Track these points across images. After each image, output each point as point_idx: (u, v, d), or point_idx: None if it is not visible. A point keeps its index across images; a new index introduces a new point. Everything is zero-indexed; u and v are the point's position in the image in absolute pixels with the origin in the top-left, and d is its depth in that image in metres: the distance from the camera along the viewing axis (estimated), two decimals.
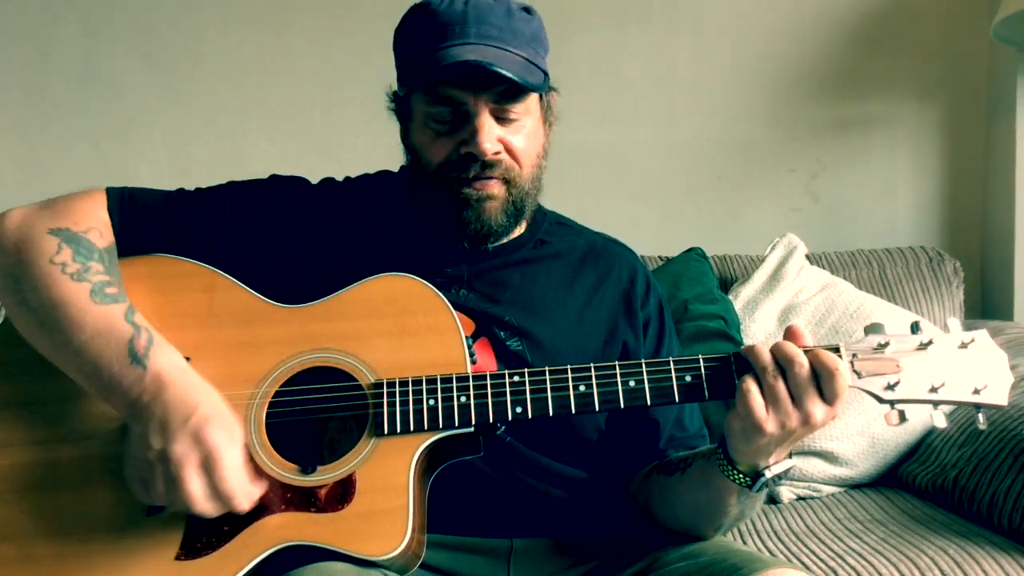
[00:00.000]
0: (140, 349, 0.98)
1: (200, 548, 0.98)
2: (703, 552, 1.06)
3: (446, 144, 1.13)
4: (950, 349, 0.99)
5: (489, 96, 1.10)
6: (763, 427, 0.94)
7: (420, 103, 1.14)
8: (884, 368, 0.98)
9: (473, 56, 1.07)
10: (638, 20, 2.35)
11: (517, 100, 1.12)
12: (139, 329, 1.00)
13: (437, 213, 1.16)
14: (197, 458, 0.94)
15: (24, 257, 1.03)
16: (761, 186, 2.38)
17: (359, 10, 2.33)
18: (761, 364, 0.95)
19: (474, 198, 1.13)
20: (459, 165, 1.12)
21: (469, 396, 1.01)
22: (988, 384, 0.98)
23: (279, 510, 0.99)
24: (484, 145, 1.10)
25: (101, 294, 1.02)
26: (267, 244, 1.17)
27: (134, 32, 2.32)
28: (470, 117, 1.11)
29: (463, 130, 1.12)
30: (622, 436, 1.20)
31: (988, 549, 1.34)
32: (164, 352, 1.00)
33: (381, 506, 0.98)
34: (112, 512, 1.00)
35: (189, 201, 1.18)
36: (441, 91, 1.10)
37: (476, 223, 1.14)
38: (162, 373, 0.97)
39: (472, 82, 1.09)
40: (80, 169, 2.30)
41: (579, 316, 1.21)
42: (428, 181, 1.15)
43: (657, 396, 1.00)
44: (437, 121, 1.12)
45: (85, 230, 1.07)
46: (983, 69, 2.35)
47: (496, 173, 1.13)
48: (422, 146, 1.15)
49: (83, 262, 1.04)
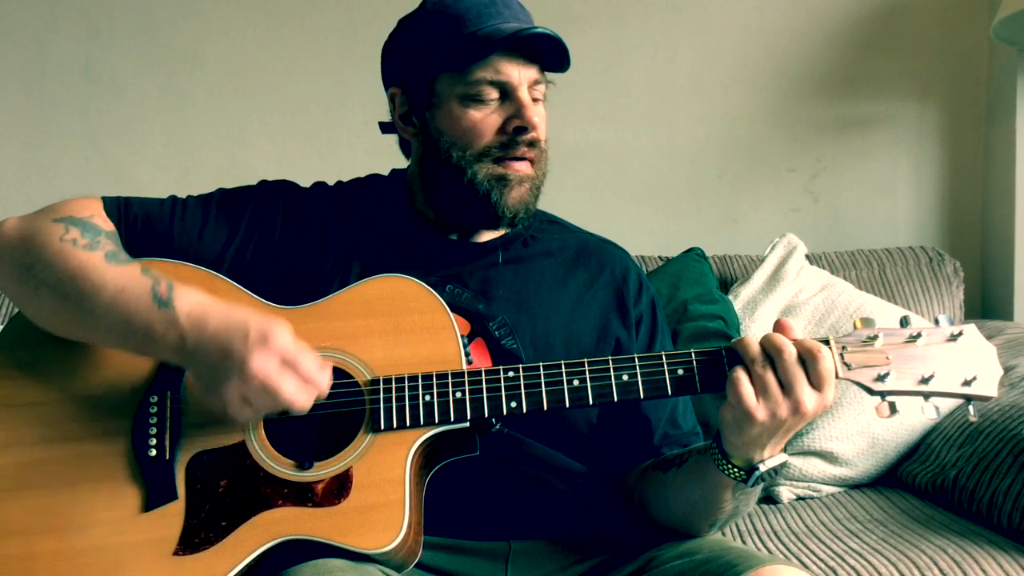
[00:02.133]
0: (163, 294, 1.00)
1: (198, 543, 0.99)
2: (699, 550, 1.06)
3: (492, 120, 1.14)
4: (939, 342, 1.00)
5: (529, 72, 1.14)
6: (754, 415, 0.94)
7: (453, 84, 1.14)
8: (874, 360, 0.99)
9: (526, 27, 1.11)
10: (638, 20, 2.35)
11: (544, 81, 1.17)
12: (157, 279, 1.02)
13: (461, 201, 1.17)
14: (276, 363, 0.95)
15: (33, 244, 1.05)
16: (761, 186, 2.38)
17: (359, 10, 2.33)
18: (750, 355, 0.96)
19: (515, 179, 1.15)
20: (507, 142, 1.14)
21: (464, 392, 1.02)
22: (978, 376, 0.98)
23: (276, 505, 1.00)
24: (534, 118, 1.14)
25: (116, 258, 1.04)
26: (260, 248, 1.18)
27: (134, 32, 2.33)
28: (513, 92, 1.14)
29: (504, 106, 1.14)
30: (616, 434, 1.21)
31: (988, 549, 1.34)
32: (186, 292, 1.01)
33: (377, 500, 0.99)
34: (111, 509, 1.01)
35: (184, 206, 1.18)
36: (494, 64, 1.12)
37: (508, 208, 1.16)
38: (194, 309, 0.99)
39: (523, 56, 1.13)
40: (80, 169, 2.30)
41: (572, 313, 1.22)
42: (453, 168, 1.15)
43: (650, 389, 1.01)
44: (478, 99, 1.14)
45: (89, 216, 1.09)
46: (983, 69, 2.35)
47: (535, 152, 1.17)
48: (460, 127, 1.15)
49: (92, 237, 1.06)
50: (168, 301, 0.99)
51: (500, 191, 1.15)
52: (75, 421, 1.05)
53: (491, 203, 1.15)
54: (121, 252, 1.07)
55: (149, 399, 1.04)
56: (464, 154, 1.15)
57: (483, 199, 1.15)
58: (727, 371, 0.99)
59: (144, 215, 1.15)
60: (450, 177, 1.16)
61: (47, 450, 1.04)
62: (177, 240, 1.15)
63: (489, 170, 1.15)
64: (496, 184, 1.15)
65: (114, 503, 1.01)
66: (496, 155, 1.14)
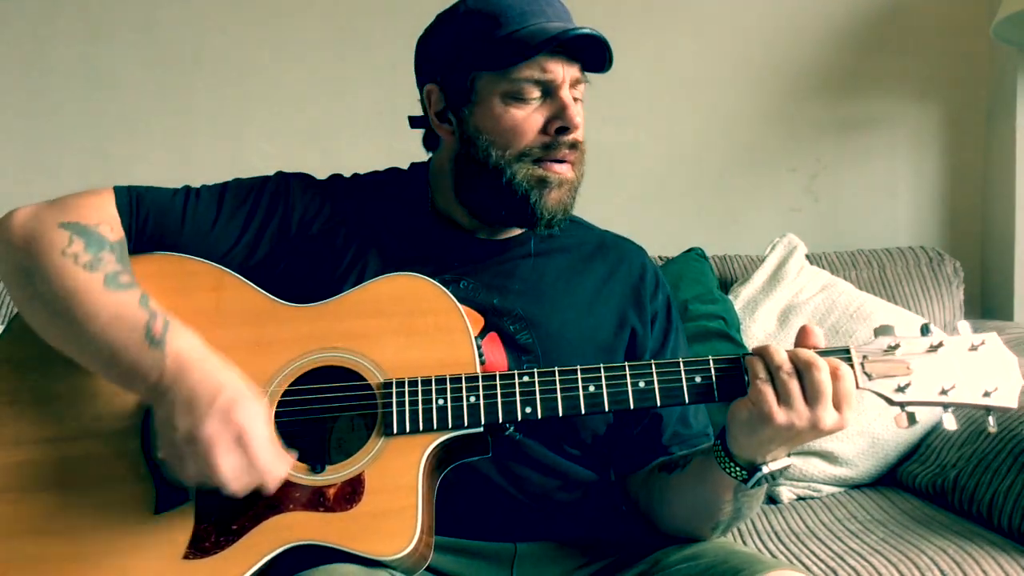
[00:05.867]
0: (157, 332, 0.98)
1: (209, 547, 0.98)
2: (704, 554, 1.06)
3: (534, 120, 1.12)
4: (960, 351, 0.99)
5: (572, 71, 1.12)
6: (774, 418, 0.93)
7: (495, 81, 1.12)
8: (895, 370, 0.98)
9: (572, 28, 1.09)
10: (638, 20, 2.35)
11: (584, 81, 1.15)
12: (154, 314, 1.00)
13: (497, 201, 1.14)
14: (229, 437, 0.94)
15: (35, 250, 1.03)
16: (761, 186, 2.38)
17: (360, 10, 2.33)
18: (776, 362, 0.95)
19: (556, 181, 1.12)
20: (549, 144, 1.12)
21: (478, 396, 1.01)
22: (998, 387, 0.97)
23: (288, 509, 0.99)
24: (577, 119, 1.12)
25: (115, 283, 1.02)
26: (274, 244, 1.16)
27: (134, 32, 2.32)
28: (555, 92, 1.11)
29: (546, 104, 1.12)
30: (625, 432, 1.20)
31: (988, 549, 1.34)
32: (182, 335, 1.00)
33: (390, 506, 0.98)
34: (121, 510, 1.00)
35: (196, 199, 1.16)
36: (539, 63, 1.09)
37: (548, 210, 1.13)
38: (181, 355, 0.97)
39: (566, 54, 1.11)
40: (81, 168, 2.30)
41: (588, 307, 1.21)
42: (492, 168, 1.12)
43: (667, 397, 1.00)
44: (520, 98, 1.11)
45: (96, 224, 1.07)
46: (983, 69, 2.35)
47: (576, 154, 1.14)
48: (500, 126, 1.12)
49: (95, 253, 1.03)
50: (161, 341, 0.98)
51: (539, 193, 1.12)
52: (83, 420, 1.04)
53: (529, 205, 1.12)
54: (124, 271, 1.04)
55: None
56: (504, 153, 1.12)
57: (521, 200, 1.12)
58: (746, 380, 0.97)
59: (156, 210, 1.13)
60: (488, 177, 1.13)
61: (55, 449, 1.03)
62: (188, 234, 1.13)
63: (529, 171, 1.12)
64: (536, 186, 1.12)
65: (123, 505, 1.00)
66: (537, 155, 1.12)
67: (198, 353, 0.99)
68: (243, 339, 1.06)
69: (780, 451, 0.99)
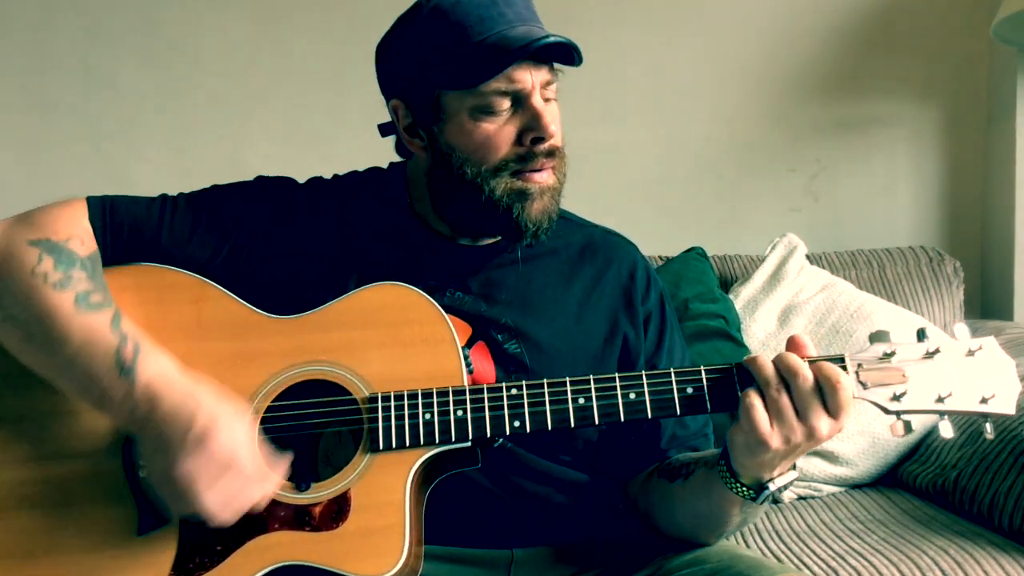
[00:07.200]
0: (127, 359, 0.95)
1: (192, 568, 0.96)
2: (707, 559, 1.04)
3: (507, 131, 1.06)
4: (957, 357, 0.96)
5: (541, 75, 1.06)
6: (768, 442, 0.91)
7: (461, 98, 1.06)
8: (890, 378, 0.96)
9: (538, 33, 1.04)
10: (638, 20, 2.35)
11: (555, 78, 1.09)
12: (125, 338, 0.97)
13: (478, 216, 1.11)
14: (212, 467, 0.92)
15: (4, 271, 1.00)
16: (761, 186, 2.38)
17: (359, 9, 2.32)
18: (764, 377, 0.93)
19: (536, 191, 1.08)
20: (525, 155, 1.07)
21: (466, 410, 0.98)
22: (996, 393, 0.95)
23: (273, 528, 0.97)
24: (551, 127, 1.06)
25: (85, 303, 0.98)
26: (255, 253, 1.13)
27: (134, 32, 2.32)
28: (526, 100, 1.06)
29: (518, 114, 1.07)
30: (622, 435, 1.18)
31: (989, 549, 1.34)
32: (152, 360, 0.96)
33: (377, 524, 0.96)
34: (104, 532, 0.98)
35: (173, 208, 1.13)
36: (505, 74, 1.03)
37: (532, 221, 1.09)
38: (152, 383, 0.94)
39: (533, 59, 1.05)
40: (80, 169, 2.29)
41: (578, 314, 1.18)
42: (469, 184, 1.08)
43: (658, 409, 0.98)
44: (489, 111, 1.06)
45: (66, 239, 1.03)
46: (983, 69, 2.34)
47: (555, 160, 1.09)
48: (472, 142, 1.07)
49: (65, 271, 1.00)
50: (131, 369, 0.95)
51: (522, 206, 1.08)
52: (63, 439, 1.01)
53: (512, 219, 1.08)
54: (95, 290, 1.01)
55: None
56: (480, 170, 1.07)
57: (504, 215, 1.08)
58: (738, 390, 0.96)
59: (131, 220, 1.10)
60: (466, 192, 1.09)
61: (35, 469, 1.00)
62: (166, 245, 1.10)
63: (508, 184, 1.07)
64: (517, 199, 1.08)
65: (106, 526, 0.98)
66: (514, 168, 1.07)
67: (167, 381, 0.95)
68: (226, 353, 1.03)
69: (784, 464, 0.97)
